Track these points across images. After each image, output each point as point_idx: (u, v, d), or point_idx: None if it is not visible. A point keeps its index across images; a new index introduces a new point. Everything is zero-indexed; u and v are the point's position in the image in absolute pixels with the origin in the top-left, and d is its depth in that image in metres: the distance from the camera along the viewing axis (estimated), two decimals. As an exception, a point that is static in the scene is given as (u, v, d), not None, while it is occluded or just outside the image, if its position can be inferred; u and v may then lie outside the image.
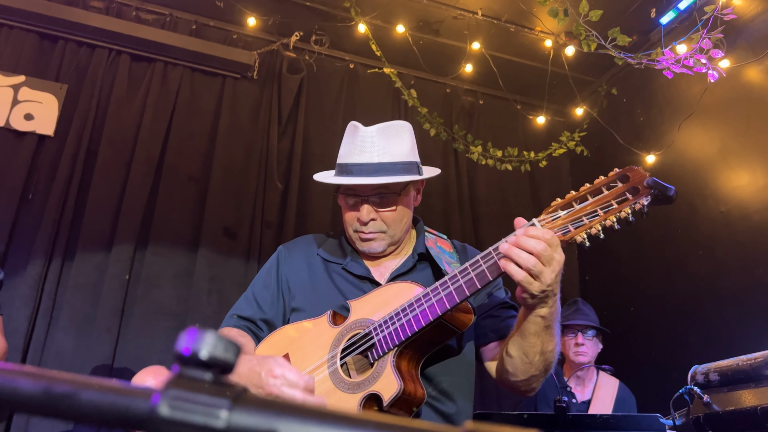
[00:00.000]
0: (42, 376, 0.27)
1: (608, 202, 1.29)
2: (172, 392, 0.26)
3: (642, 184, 1.26)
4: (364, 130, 1.65)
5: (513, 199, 5.10)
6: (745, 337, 3.50)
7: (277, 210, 4.42)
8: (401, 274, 1.66)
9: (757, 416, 1.35)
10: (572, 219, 1.32)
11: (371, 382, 1.39)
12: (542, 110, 5.04)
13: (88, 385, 0.26)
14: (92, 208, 3.96)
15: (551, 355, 1.45)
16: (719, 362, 1.55)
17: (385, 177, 1.57)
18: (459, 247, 1.79)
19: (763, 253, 3.57)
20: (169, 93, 4.40)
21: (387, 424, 0.25)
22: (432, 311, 1.37)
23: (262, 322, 1.71)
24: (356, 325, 1.50)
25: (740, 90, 3.82)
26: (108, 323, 3.74)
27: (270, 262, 1.83)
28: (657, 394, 3.22)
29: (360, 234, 1.64)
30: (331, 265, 1.72)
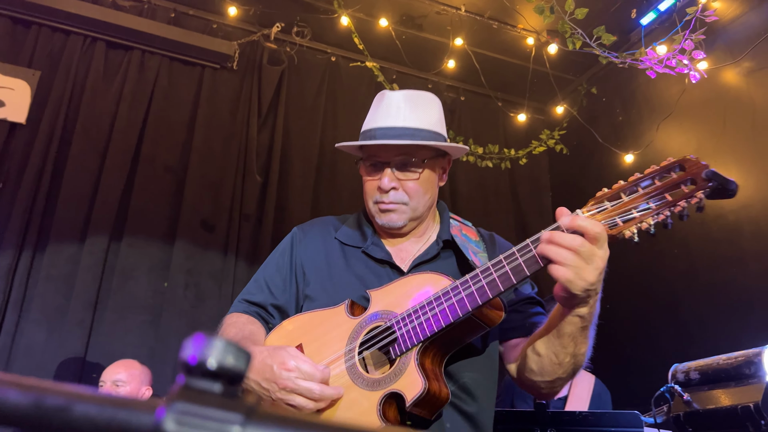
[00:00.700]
0: (32, 387, 0.24)
1: (661, 194, 1.15)
2: (178, 406, 0.23)
3: (700, 175, 1.13)
4: (390, 94, 1.57)
5: (493, 195, 5.12)
6: (719, 334, 3.56)
7: (256, 203, 4.37)
8: (424, 261, 1.55)
9: (737, 415, 1.36)
10: (621, 211, 1.19)
11: (392, 379, 1.30)
12: (523, 108, 5.06)
13: (83, 398, 0.24)
14: (65, 199, 3.87)
15: (582, 359, 1.34)
16: (699, 361, 1.56)
17: (410, 140, 1.49)
18: (486, 237, 1.68)
19: (737, 252, 3.63)
20: (147, 82, 4.31)
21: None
22: (462, 306, 1.27)
23: (273, 308, 1.61)
24: (376, 317, 1.40)
25: (717, 92, 3.88)
26: (81, 316, 3.66)
27: (283, 244, 1.72)
28: (634, 390, 3.27)
29: (380, 205, 1.54)
30: (349, 249, 1.62)
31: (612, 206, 1.20)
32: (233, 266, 4.14)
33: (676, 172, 1.16)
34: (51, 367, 3.52)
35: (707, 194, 1.12)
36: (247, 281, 4.32)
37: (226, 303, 4.02)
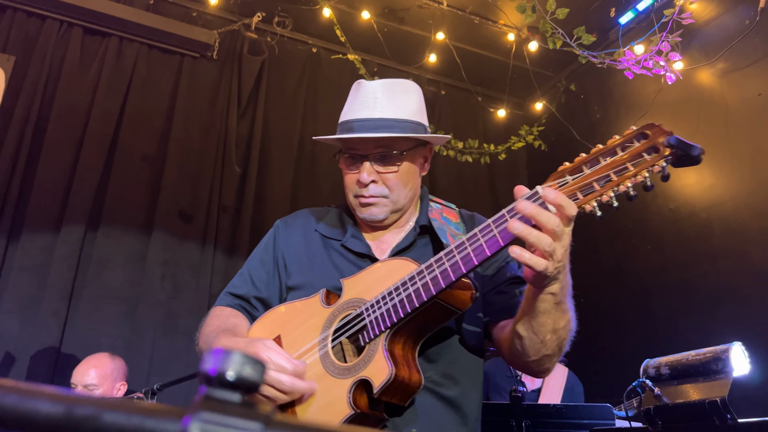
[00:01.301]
0: (63, 397, 0.26)
1: (623, 164, 1.11)
2: (203, 415, 0.25)
3: (662, 143, 1.08)
4: (367, 84, 1.54)
5: (472, 189, 5.16)
6: (690, 329, 3.66)
7: (235, 194, 4.35)
8: (402, 250, 1.55)
9: (704, 409, 1.41)
10: (582, 185, 1.15)
11: (361, 367, 1.30)
12: (503, 103, 5.10)
13: (112, 406, 0.25)
14: (40, 187, 3.81)
15: (564, 332, 1.33)
16: (670, 356, 1.62)
17: (388, 132, 1.47)
18: (466, 217, 1.66)
19: (708, 249, 3.73)
20: (125, 70, 4.25)
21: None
22: (426, 290, 1.26)
23: (257, 301, 1.63)
24: (348, 305, 1.41)
25: (692, 92, 3.96)
26: (56, 306, 3.62)
27: (267, 237, 1.73)
28: (606, 383, 3.35)
29: (360, 199, 1.53)
30: (329, 241, 1.62)
31: (573, 180, 1.17)
32: (211, 257, 4.12)
33: (639, 141, 1.11)
34: (25, 357, 3.48)
35: (670, 161, 1.08)
36: (225, 272, 4.31)
37: (203, 294, 4.01)
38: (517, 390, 2.20)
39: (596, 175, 1.13)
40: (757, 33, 3.61)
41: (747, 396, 2.35)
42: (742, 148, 3.64)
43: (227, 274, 4.12)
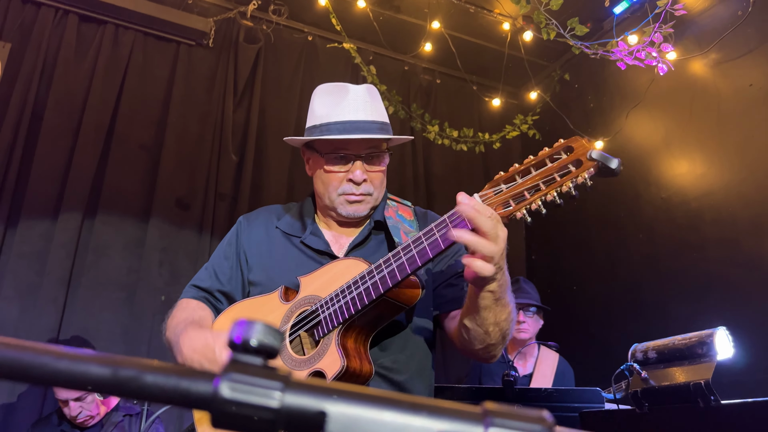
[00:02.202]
0: (110, 360, 0.29)
1: (551, 175, 1.23)
2: (231, 375, 0.29)
3: (585, 156, 1.20)
4: (354, 88, 1.61)
5: (467, 178, 5.20)
6: (680, 316, 3.72)
7: (232, 182, 4.38)
8: (357, 245, 1.65)
9: (689, 391, 1.47)
10: (514, 194, 1.27)
11: (316, 359, 1.41)
12: (497, 92, 5.13)
13: (152, 368, 0.29)
14: (37, 175, 3.83)
15: (506, 324, 1.44)
16: (657, 341, 1.67)
17: (382, 134, 1.57)
18: (420, 215, 1.76)
19: (699, 238, 3.79)
20: (121, 57, 4.26)
21: (419, 404, 0.30)
22: (375, 289, 1.36)
23: (220, 294, 1.71)
24: (305, 301, 1.51)
25: (685, 82, 4.00)
26: (54, 293, 3.65)
27: (231, 233, 1.81)
28: (597, 368, 3.41)
29: (349, 196, 1.60)
30: (290, 237, 1.70)
31: (507, 188, 1.29)
32: (208, 245, 4.15)
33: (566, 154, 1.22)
34: (24, 343, 3.51)
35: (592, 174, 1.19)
36: (222, 260, 4.32)
37: (201, 281, 4.05)
38: (509, 375, 2.26)
39: (527, 184, 1.25)
40: (749, 24, 3.65)
41: (731, 379, 2.41)
42: (733, 138, 3.69)
43: (224, 262, 4.16)
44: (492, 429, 0.29)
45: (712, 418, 1.46)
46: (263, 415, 0.29)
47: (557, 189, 1.21)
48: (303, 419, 0.29)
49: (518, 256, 5.20)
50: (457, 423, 0.29)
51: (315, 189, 1.71)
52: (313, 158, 1.68)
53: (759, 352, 3.13)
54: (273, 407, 0.29)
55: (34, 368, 0.29)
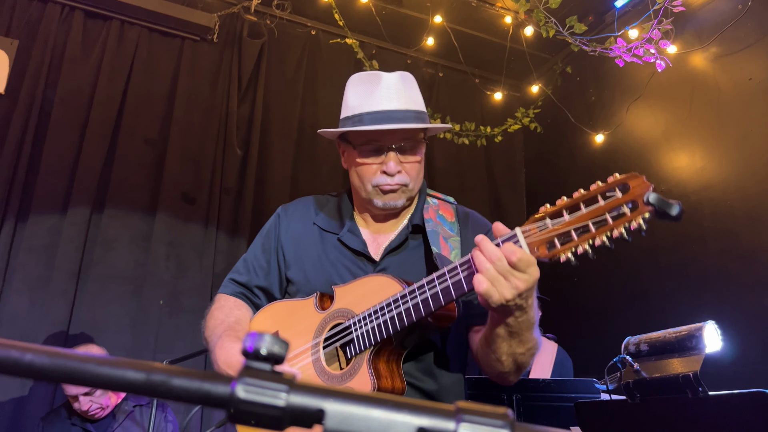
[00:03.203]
0: (143, 366, 0.35)
1: (602, 215, 1.12)
2: (245, 379, 0.35)
3: (642, 198, 1.08)
4: (387, 76, 1.55)
5: (469, 171, 5.25)
6: (679, 308, 3.78)
7: (236, 176, 4.44)
8: (394, 249, 1.60)
9: (678, 382, 1.53)
10: (560, 232, 1.16)
11: (348, 377, 1.40)
12: (500, 85, 5.16)
13: (179, 373, 0.35)
14: (46, 170, 3.89)
15: (523, 358, 1.38)
16: (649, 334, 1.73)
17: (418, 123, 1.51)
18: (462, 215, 1.67)
19: (698, 231, 3.83)
20: (126, 53, 4.31)
21: (401, 403, 0.35)
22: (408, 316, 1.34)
23: (258, 289, 1.71)
24: (339, 314, 1.49)
25: (685, 76, 4.03)
26: (64, 286, 3.73)
27: (269, 225, 1.77)
28: (596, 358, 3.48)
29: (383, 186, 1.54)
30: (326, 235, 1.67)
31: (553, 225, 1.18)
32: (214, 238, 4.22)
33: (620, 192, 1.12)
34: (35, 335, 3.60)
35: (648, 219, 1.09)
36: (227, 253, 4.42)
37: (207, 274, 4.13)
38: (508, 366, 2.32)
39: (575, 223, 1.15)
40: (749, 18, 3.67)
41: (720, 371, 2.47)
42: (732, 132, 3.73)
43: (230, 255, 4.23)
44: (462, 424, 0.35)
45: (700, 408, 1.52)
46: (272, 412, 0.35)
47: (608, 233, 1.11)
48: (305, 415, 0.35)
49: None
50: (434, 419, 0.35)
51: (351, 182, 1.66)
52: (347, 150, 1.62)
53: (755, 343, 3.19)
54: (280, 406, 0.34)
55: (80, 373, 0.35)
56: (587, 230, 1.14)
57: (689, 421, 1.55)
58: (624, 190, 1.12)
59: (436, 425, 0.35)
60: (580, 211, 1.15)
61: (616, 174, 1.14)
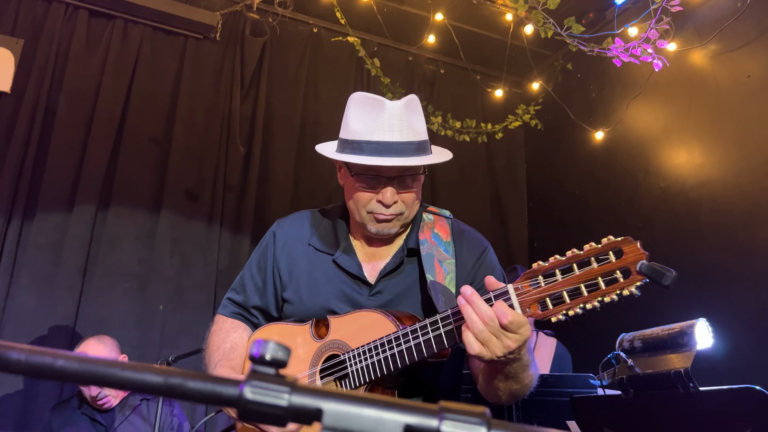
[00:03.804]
0: (161, 371, 0.40)
1: (595, 279, 1.14)
2: (252, 382, 0.39)
3: (635, 267, 1.11)
4: (391, 105, 1.50)
5: (470, 167, 5.29)
6: (675, 302, 3.81)
7: (240, 174, 4.48)
8: (389, 272, 1.61)
9: (670, 378, 1.57)
10: (553, 292, 1.18)
11: None
12: (500, 81, 5.19)
13: (193, 376, 0.40)
14: (52, 168, 3.95)
15: (519, 391, 1.41)
16: (643, 331, 1.77)
17: (420, 157, 1.49)
18: (456, 234, 1.66)
19: (696, 227, 3.87)
20: (130, 52, 4.35)
21: (391, 403, 0.40)
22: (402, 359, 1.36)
23: (255, 309, 1.73)
24: (334, 345, 1.51)
25: (685, 73, 4.05)
26: (70, 283, 3.79)
27: (265, 242, 1.77)
28: (595, 353, 3.52)
29: (378, 215, 1.54)
30: (322, 256, 1.66)
31: (546, 284, 1.19)
32: (218, 235, 4.27)
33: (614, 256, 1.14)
34: (42, 331, 3.66)
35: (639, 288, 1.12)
36: (231, 250, 4.45)
37: (211, 270, 4.18)
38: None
39: (568, 285, 1.16)
40: (749, 16, 3.70)
41: (717, 365, 2.51)
42: (730, 129, 3.76)
43: (233, 252, 4.28)
44: (444, 421, 0.39)
45: (690, 403, 1.57)
46: (275, 411, 0.39)
47: (600, 298, 1.13)
48: (305, 414, 0.40)
49: (521, 243, 5.30)
50: (419, 417, 0.40)
51: (346, 201, 1.65)
52: (344, 170, 1.60)
53: (751, 338, 3.24)
54: (283, 405, 0.39)
55: (106, 376, 0.40)
56: (579, 293, 1.15)
57: (681, 415, 1.60)
58: (617, 254, 1.14)
59: (421, 422, 0.39)
60: (573, 272, 1.17)
61: (610, 237, 1.16)
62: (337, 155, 1.55)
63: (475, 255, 1.62)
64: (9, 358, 0.40)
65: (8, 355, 0.40)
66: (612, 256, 1.15)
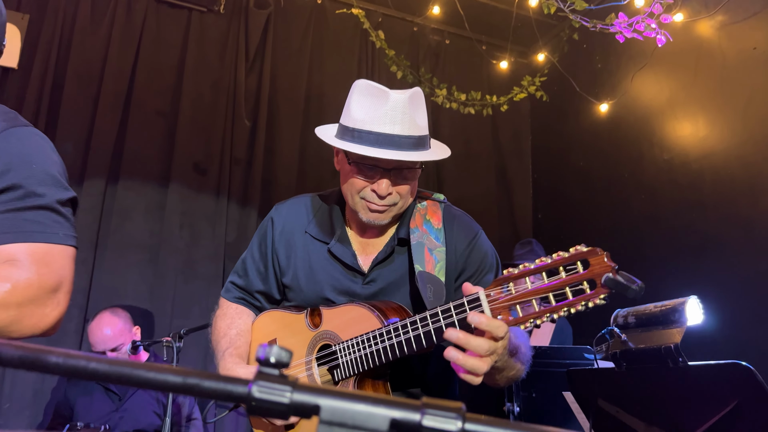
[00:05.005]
0: (180, 372, 0.46)
1: (563, 288, 1.19)
2: (258, 382, 0.46)
3: (600, 279, 1.15)
4: (395, 96, 1.50)
5: (475, 140, 5.31)
6: (677, 272, 3.88)
7: (246, 147, 4.53)
8: (380, 262, 1.64)
9: (660, 353, 1.64)
10: (522, 299, 1.23)
11: None
12: (506, 52, 5.16)
13: (208, 377, 0.46)
14: (61, 142, 3.99)
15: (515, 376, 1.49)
16: (637, 307, 1.84)
17: (418, 152, 1.49)
18: (447, 220, 1.68)
19: (699, 199, 3.90)
20: (135, 25, 4.36)
21: (380, 399, 0.46)
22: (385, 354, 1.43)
23: (258, 293, 1.79)
24: (327, 335, 1.58)
25: (691, 43, 4.03)
26: (83, 255, 3.88)
27: (264, 227, 1.80)
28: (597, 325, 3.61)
29: (371, 204, 1.54)
30: (317, 244, 1.70)
31: (516, 292, 1.24)
32: (225, 208, 4.35)
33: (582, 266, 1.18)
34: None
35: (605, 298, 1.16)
36: (239, 222, 4.52)
37: (219, 242, 4.27)
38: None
39: (536, 293, 1.22)
40: (757, -15, 3.65)
41: (713, 336, 2.58)
42: (735, 101, 3.75)
43: (241, 224, 4.36)
44: (425, 416, 0.46)
45: (680, 377, 1.64)
46: (279, 407, 0.45)
47: (567, 309, 1.18)
48: (305, 409, 0.46)
49: (525, 215, 5.35)
50: (404, 411, 0.46)
51: (341, 185, 1.65)
52: (342, 156, 1.60)
53: (748, 308, 3.30)
54: (285, 402, 0.45)
55: (133, 376, 0.46)
56: (548, 302, 1.21)
57: (670, 388, 1.67)
58: (585, 265, 1.18)
59: (405, 417, 0.46)
60: (542, 281, 1.22)
61: (579, 247, 1.20)
62: (336, 141, 1.56)
63: (466, 241, 1.65)
64: (48, 361, 0.46)
65: (48, 359, 0.46)
66: (580, 266, 1.19)
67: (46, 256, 1.24)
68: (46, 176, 1.30)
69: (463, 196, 5.15)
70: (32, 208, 1.25)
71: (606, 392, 1.85)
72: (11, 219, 1.22)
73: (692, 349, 1.78)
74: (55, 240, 1.27)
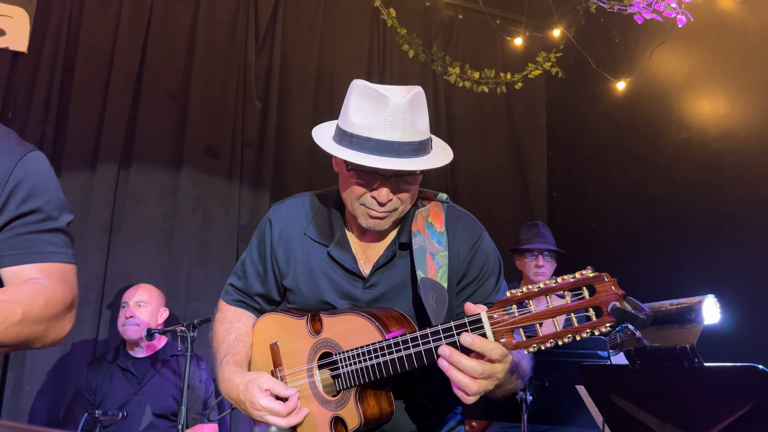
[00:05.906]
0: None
1: (568, 314, 1.16)
2: None
3: (606, 307, 1.12)
4: (395, 100, 1.43)
5: (489, 118, 5.23)
6: (694, 257, 3.83)
7: (257, 128, 4.50)
8: (381, 266, 1.61)
9: (675, 353, 1.62)
10: (526, 323, 1.20)
11: (338, 406, 1.51)
12: (520, 26, 5.04)
13: None
14: (73, 127, 4.00)
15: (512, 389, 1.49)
16: (652, 304, 1.81)
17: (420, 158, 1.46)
18: (450, 223, 1.64)
19: (717, 179, 3.83)
20: (143, 6, 4.30)
21: None
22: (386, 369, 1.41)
23: (258, 296, 1.78)
24: (327, 343, 1.56)
25: (712, 18, 3.90)
26: (98, 240, 3.91)
27: (262, 228, 1.77)
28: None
29: (371, 211, 1.51)
30: (317, 246, 1.67)
31: (519, 315, 1.21)
32: (238, 191, 4.34)
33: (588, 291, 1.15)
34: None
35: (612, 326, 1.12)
36: (251, 205, 4.53)
37: (232, 226, 4.28)
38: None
39: (540, 318, 1.18)
40: (782, -43, 3.51)
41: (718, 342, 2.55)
42: (757, 78, 3.65)
43: (254, 207, 4.36)
44: None
45: (695, 378, 1.62)
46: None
47: (572, 335, 1.15)
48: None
49: (540, 193, 5.30)
50: None
51: (339, 189, 1.62)
52: (340, 160, 1.55)
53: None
54: None
55: None
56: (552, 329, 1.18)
57: (684, 388, 1.66)
58: (591, 291, 1.14)
59: None
60: (547, 305, 1.18)
61: (585, 272, 1.17)
62: (334, 147, 1.50)
63: (469, 245, 1.62)
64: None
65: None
66: (585, 292, 1.16)
67: (64, 275, 1.38)
68: (61, 201, 1.45)
69: (477, 175, 5.11)
70: (50, 231, 1.39)
71: (619, 388, 1.84)
72: (31, 240, 1.35)
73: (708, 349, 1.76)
74: (67, 260, 1.42)
